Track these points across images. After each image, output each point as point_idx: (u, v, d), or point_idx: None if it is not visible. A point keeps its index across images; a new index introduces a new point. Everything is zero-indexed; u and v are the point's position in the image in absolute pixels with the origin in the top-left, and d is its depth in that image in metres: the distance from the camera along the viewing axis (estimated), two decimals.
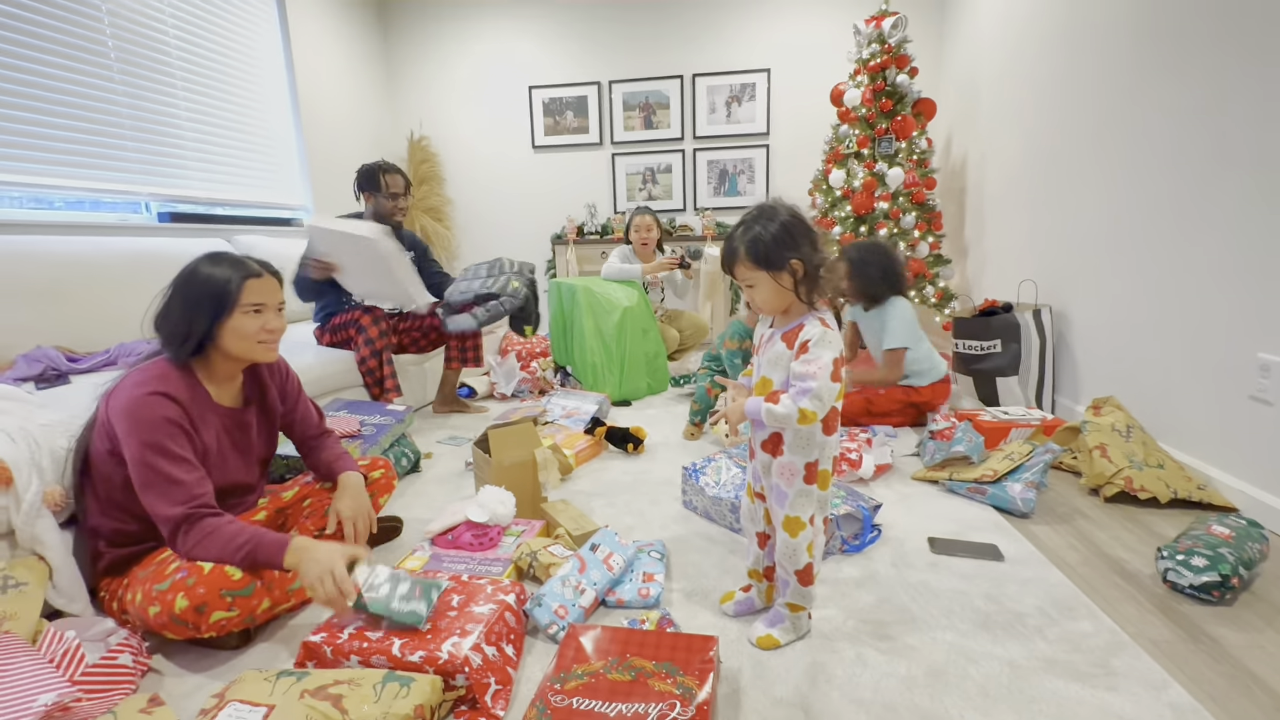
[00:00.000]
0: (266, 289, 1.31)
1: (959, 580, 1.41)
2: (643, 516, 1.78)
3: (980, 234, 3.52)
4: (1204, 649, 1.17)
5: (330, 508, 1.44)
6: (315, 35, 3.87)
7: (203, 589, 1.11)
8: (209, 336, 1.27)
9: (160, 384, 1.21)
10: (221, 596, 1.13)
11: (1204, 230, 1.81)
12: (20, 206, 2.33)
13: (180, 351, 1.26)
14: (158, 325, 1.27)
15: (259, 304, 1.29)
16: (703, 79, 4.38)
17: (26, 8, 2.25)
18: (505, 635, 1.15)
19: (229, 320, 1.26)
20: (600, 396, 2.72)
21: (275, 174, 3.56)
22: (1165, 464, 1.80)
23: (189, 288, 1.26)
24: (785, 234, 1.07)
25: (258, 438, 1.44)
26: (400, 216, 2.59)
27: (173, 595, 1.11)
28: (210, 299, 1.25)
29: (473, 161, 4.76)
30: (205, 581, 1.12)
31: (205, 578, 1.13)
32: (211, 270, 1.27)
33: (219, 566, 1.15)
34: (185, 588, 1.11)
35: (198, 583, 1.12)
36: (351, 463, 1.55)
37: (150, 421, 1.17)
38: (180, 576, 1.13)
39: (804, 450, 1.12)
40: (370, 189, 2.50)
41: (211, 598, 1.12)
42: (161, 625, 1.12)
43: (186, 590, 1.11)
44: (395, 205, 2.54)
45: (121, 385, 1.22)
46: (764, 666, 1.14)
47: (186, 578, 1.13)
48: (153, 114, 2.76)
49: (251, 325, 1.28)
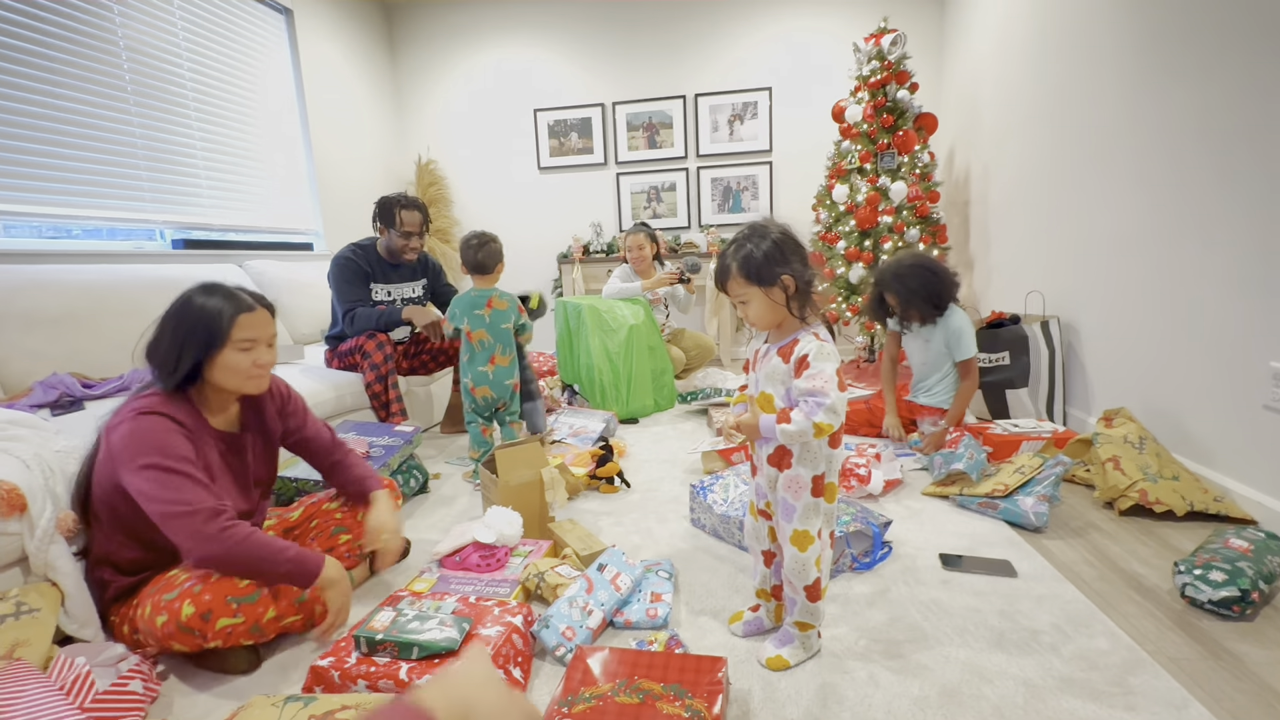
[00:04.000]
0: (258, 323, 1.29)
1: (972, 597, 1.39)
2: (650, 535, 1.78)
3: (985, 246, 3.52)
4: (1225, 666, 1.14)
5: (368, 528, 1.44)
6: (325, 64, 3.96)
7: (209, 595, 1.14)
8: (199, 368, 1.26)
9: (160, 407, 1.22)
10: (227, 603, 1.15)
11: (1213, 237, 1.80)
12: (39, 236, 2.39)
13: (170, 381, 1.25)
14: (149, 355, 1.26)
15: (250, 339, 1.27)
16: (705, 98, 4.44)
17: (48, 45, 2.32)
18: (512, 658, 1.15)
19: (219, 355, 1.25)
20: (607, 414, 2.72)
21: (286, 200, 3.63)
22: (1180, 476, 1.78)
23: (180, 320, 1.25)
24: (776, 251, 1.09)
25: (254, 461, 1.42)
26: (411, 256, 2.55)
27: (179, 603, 1.13)
28: (201, 332, 1.24)
29: (480, 183, 4.82)
30: (212, 589, 1.15)
31: (211, 585, 1.15)
32: (204, 302, 1.25)
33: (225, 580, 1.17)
34: (192, 595, 1.14)
35: (204, 590, 1.14)
36: (379, 479, 1.55)
37: (156, 441, 1.17)
38: (188, 585, 1.15)
39: (811, 463, 1.12)
40: (385, 223, 2.47)
41: (217, 604, 1.14)
42: (168, 635, 1.13)
43: (193, 597, 1.13)
44: (408, 244, 2.50)
45: (120, 415, 1.22)
46: (774, 688, 1.13)
47: (194, 585, 1.15)
48: (167, 144, 2.83)
49: (242, 361, 1.27)
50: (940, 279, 2.26)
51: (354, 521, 1.53)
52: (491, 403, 2.21)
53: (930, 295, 2.25)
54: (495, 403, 2.21)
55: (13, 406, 1.64)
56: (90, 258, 2.40)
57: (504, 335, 2.15)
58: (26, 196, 2.26)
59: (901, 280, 2.28)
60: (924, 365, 2.41)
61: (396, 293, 2.61)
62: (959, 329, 2.26)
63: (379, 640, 1.12)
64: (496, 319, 2.15)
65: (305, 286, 3.13)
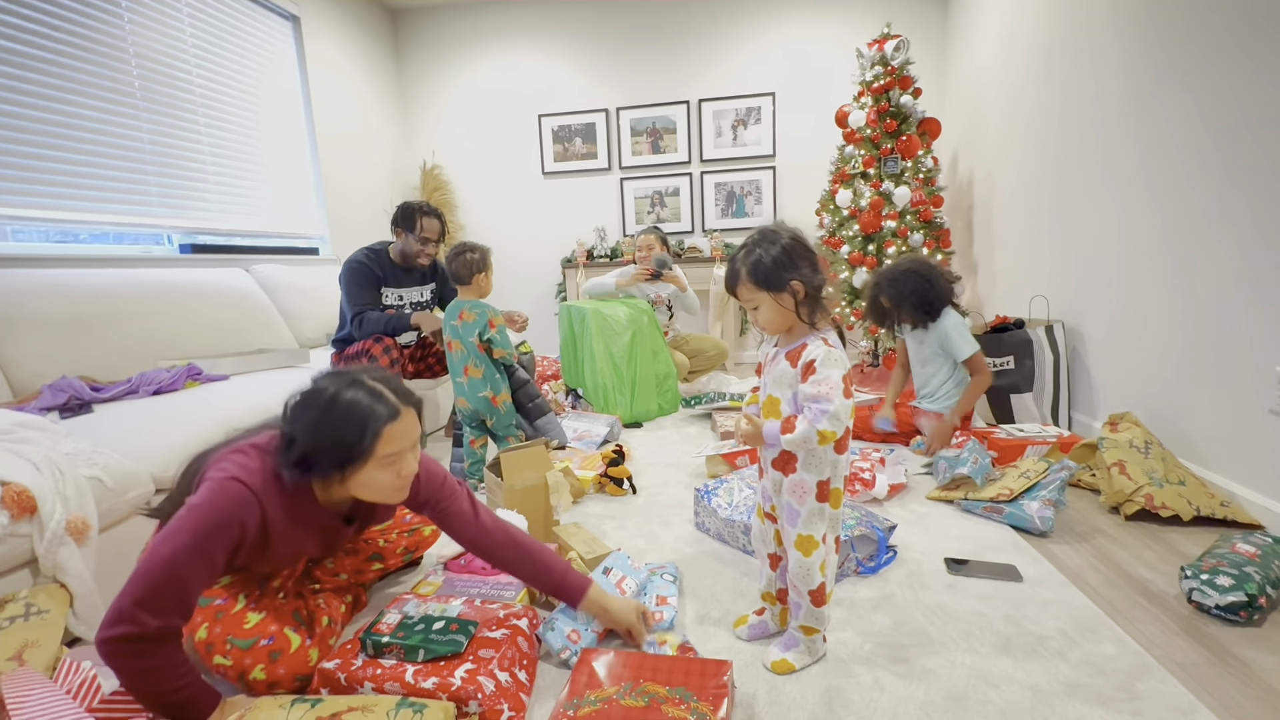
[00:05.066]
0: (405, 431, 1.08)
1: (977, 602, 1.39)
2: (655, 539, 1.78)
3: (989, 250, 3.52)
4: (1233, 672, 1.14)
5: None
6: (331, 70, 3.99)
7: (219, 629, 1.11)
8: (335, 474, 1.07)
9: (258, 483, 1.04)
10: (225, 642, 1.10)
11: (1218, 241, 1.80)
12: (47, 240, 2.41)
13: (293, 474, 1.05)
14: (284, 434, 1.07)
15: (397, 453, 1.07)
16: (708, 104, 4.45)
17: (59, 52, 2.35)
18: (518, 661, 1.15)
19: (359, 471, 1.06)
20: (611, 418, 2.73)
21: (292, 204, 3.65)
22: (1186, 480, 1.77)
23: (318, 417, 1.04)
24: (786, 256, 1.09)
25: (346, 540, 1.31)
26: (425, 261, 2.60)
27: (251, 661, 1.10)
28: (339, 448, 1.03)
29: (484, 189, 4.85)
30: (223, 624, 1.12)
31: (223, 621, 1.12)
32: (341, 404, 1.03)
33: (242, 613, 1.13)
34: (211, 619, 1.12)
35: (282, 659, 1.11)
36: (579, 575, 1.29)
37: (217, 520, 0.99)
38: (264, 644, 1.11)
39: (816, 468, 1.12)
40: (405, 227, 2.51)
41: (217, 641, 1.10)
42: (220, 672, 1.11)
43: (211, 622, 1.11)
44: (423, 249, 2.54)
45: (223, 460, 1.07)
46: (779, 692, 1.13)
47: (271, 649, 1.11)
48: (175, 149, 2.85)
49: (385, 477, 1.08)
50: (931, 283, 2.29)
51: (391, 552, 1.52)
52: (472, 414, 2.21)
53: (921, 299, 2.28)
54: (476, 415, 2.21)
55: (22, 409, 1.66)
56: (99, 262, 2.41)
57: (472, 347, 2.16)
58: (36, 201, 2.28)
59: (894, 285, 2.33)
60: (921, 369, 2.44)
61: (407, 296, 2.63)
62: (946, 330, 2.30)
63: (385, 643, 1.12)
64: (466, 330, 2.16)
65: (311, 291, 3.15)
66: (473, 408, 2.20)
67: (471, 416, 2.23)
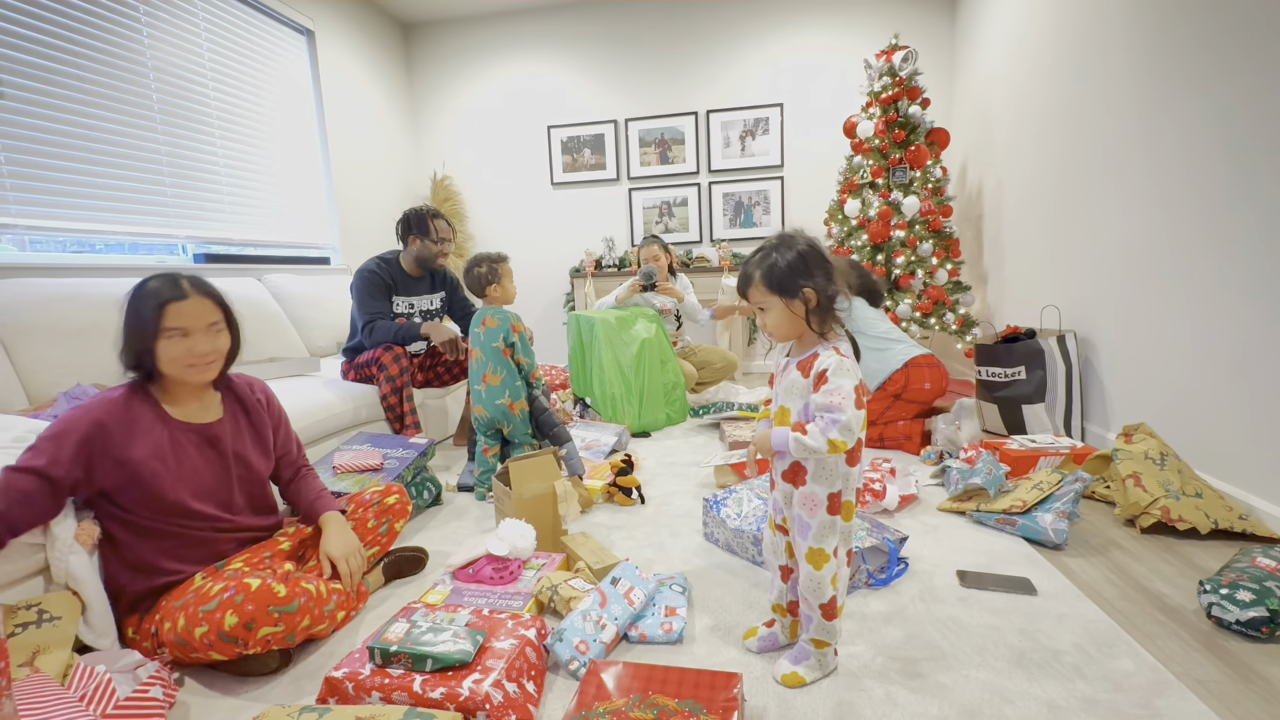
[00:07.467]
0: (190, 312, 1.26)
1: (991, 615, 1.37)
2: (663, 549, 1.77)
3: (999, 260, 3.50)
4: (1255, 689, 1.11)
5: (320, 551, 1.44)
6: (344, 83, 4.05)
7: (251, 605, 1.17)
8: (149, 360, 1.26)
9: (97, 402, 1.23)
10: (269, 613, 1.18)
11: (1231, 248, 1.79)
12: (64, 250, 2.44)
13: (135, 374, 1.28)
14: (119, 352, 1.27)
15: (181, 328, 1.25)
16: (716, 114, 4.48)
17: (80, 66, 2.40)
18: (526, 671, 1.14)
19: (156, 346, 1.24)
20: (619, 428, 2.72)
21: (305, 215, 3.69)
22: (1203, 493, 1.74)
23: (124, 314, 1.25)
24: (801, 262, 1.09)
25: (238, 453, 1.41)
26: (443, 261, 2.65)
27: (221, 614, 1.15)
28: (135, 325, 1.24)
29: (493, 199, 4.89)
30: (254, 598, 1.18)
31: (253, 595, 1.18)
32: (138, 294, 1.25)
33: (266, 585, 1.19)
34: (234, 605, 1.16)
35: (246, 600, 1.17)
36: (332, 501, 1.55)
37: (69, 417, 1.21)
38: (228, 595, 1.17)
39: (827, 480, 1.11)
40: (420, 233, 2.54)
41: (260, 614, 1.17)
42: (208, 645, 1.16)
43: (235, 607, 1.16)
44: (441, 249, 2.60)
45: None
46: (790, 705, 1.11)
47: (234, 595, 1.17)
48: (191, 161, 2.90)
49: (176, 350, 1.25)
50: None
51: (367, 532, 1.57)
52: (488, 422, 2.22)
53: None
54: (493, 422, 2.22)
55: (38, 417, 1.68)
56: (114, 271, 2.45)
57: (494, 353, 2.18)
58: (54, 212, 2.32)
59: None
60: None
61: (417, 304, 2.65)
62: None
63: (393, 652, 1.12)
64: (489, 337, 2.18)
65: (322, 300, 3.18)
66: (490, 415, 2.21)
67: (488, 425, 2.23)
